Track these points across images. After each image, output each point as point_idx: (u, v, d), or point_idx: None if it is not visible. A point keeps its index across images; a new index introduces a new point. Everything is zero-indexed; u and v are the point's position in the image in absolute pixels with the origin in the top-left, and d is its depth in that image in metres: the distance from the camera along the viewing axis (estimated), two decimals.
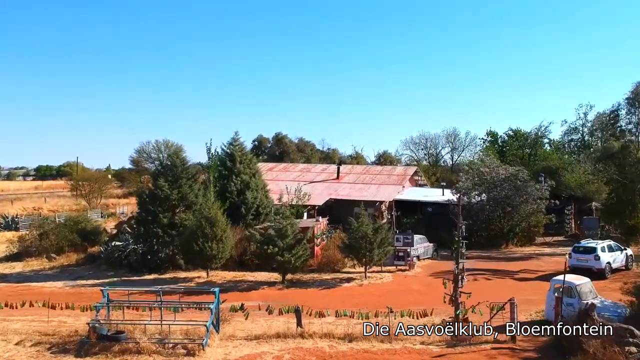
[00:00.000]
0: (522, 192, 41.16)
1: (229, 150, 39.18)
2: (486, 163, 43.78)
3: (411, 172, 51.55)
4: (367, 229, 28.45)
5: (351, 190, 46.61)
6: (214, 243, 28.61)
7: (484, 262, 35.49)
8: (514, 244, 41.88)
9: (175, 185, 31.34)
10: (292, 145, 69.48)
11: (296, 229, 28.03)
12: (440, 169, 75.38)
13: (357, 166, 54.73)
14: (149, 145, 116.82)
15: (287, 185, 46.41)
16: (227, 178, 37.99)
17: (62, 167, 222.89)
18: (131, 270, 31.43)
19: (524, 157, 75.31)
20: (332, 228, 39.64)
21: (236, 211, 37.05)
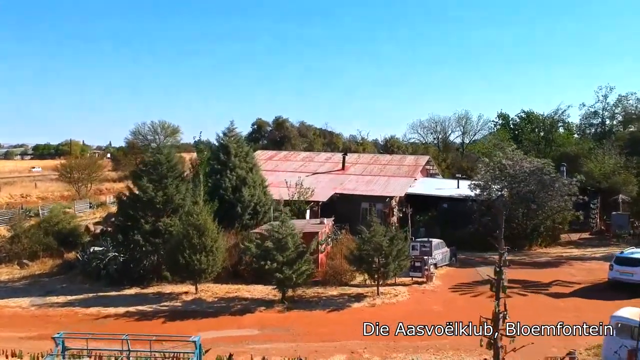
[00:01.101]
0: (548, 188, 37.11)
1: (223, 142, 35.09)
2: (508, 155, 39.61)
3: (423, 162, 47.46)
4: (382, 240, 24.51)
5: (358, 184, 42.59)
6: (202, 255, 24.74)
7: (509, 269, 31.56)
8: (537, 244, 37.99)
9: (159, 186, 27.36)
10: (293, 130, 65.35)
11: (298, 241, 24.09)
12: (451, 154, 71.31)
13: (363, 155, 50.67)
14: (144, 127, 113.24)
15: (287, 179, 42.41)
16: (220, 173, 33.98)
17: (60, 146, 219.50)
18: (110, 283, 27.63)
19: (539, 142, 71.08)
20: (337, 228, 35.74)
21: (231, 210, 33.16)
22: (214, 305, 24.10)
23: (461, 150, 76.73)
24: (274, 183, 42.87)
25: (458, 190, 43.24)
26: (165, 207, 27.33)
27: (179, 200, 27.58)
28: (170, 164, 28.55)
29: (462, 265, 32.66)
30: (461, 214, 38.89)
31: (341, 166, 46.17)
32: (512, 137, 78.15)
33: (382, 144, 66.30)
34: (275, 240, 23.70)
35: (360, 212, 40.68)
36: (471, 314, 15.91)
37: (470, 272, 31.01)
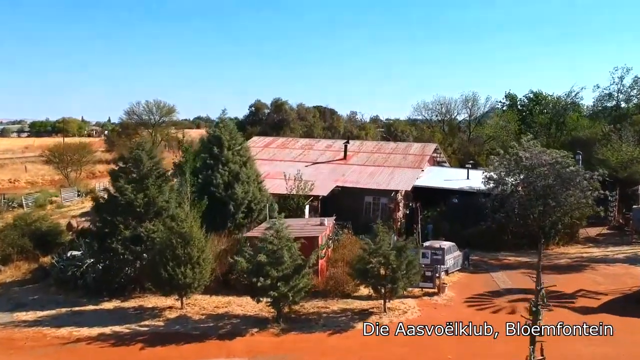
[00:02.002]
0: (568, 183, 34.18)
1: (214, 133, 32.08)
2: (524, 145, 36.58)
3: (430, 151, 44.44)
4: (390, 252, 21.69)
5: (361, 175, 39.65)
6: (188, 268, 21.96)
7: (527, 275, 28.88)
8: (555, 243, 35.19)
9: (140, 187, 24.44)
10: (292, 113, 62.17)
11: (295, 253, 21.24)
12: (457, 139, 68.19)
13: (366, 143, 47.59)
14: (139, 107, 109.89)
15: (285, 170, 39.51)
16: (212, 168, 31.05)
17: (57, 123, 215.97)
18: (88, 293, 24.91)
19: (549, 125, 67.86)
20: (339, 227, 32.94)
21: (223, 209, 30.38)
22: (200, 326, 21.36)
23: (468, 134, 73.51)
24: (271, 174, 40.05)
25: (468, 182, 40.38)
26: (147, 211, 24.44)
27: (162, 203, 24.70)
28: (153, 161, 25.60)
29: (475, 269, 29.94)
30: (472, 210, 36.09)
31: (343, 155, 43.18)
32: (520, 119, 75.01)
33: (385, 129, 63.10)
34: (269, 253, 20.87)
35: (363, 206, 37.93)
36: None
37: (484, 278, 28.29)
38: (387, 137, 61.21)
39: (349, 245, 29.57)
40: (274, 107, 64.79)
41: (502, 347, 18.20)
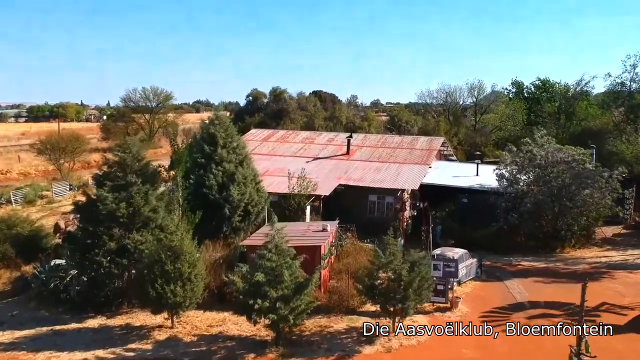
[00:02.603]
0: (586, 183, 32.16)
1: (208, 130, 29.93)
2: (538, 141, 34.47)
3: (437, 146, 42.27)
4: (401, 268, 19.70)
5: (365, 172, 37.57)
6: (178, 285, 20.00)
7: (544, 284, 26.98)
8: (570, 245, 33.20)
9: (123, 195, 22.35)
10: (292, 102, 59.87)
11: (296, 271, 19.23)
12: (462, 128, 65.97)
13: (370, 136, 45.39)
14: (135, 93, 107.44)
15: (286, 167, 37.48)
16: (205, 168, 28.98)
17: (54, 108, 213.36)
18: (72, 308, 23.01)
19: (558, 116, 65.53)
20: (342, 229, 30.95)
21: (218, 212, 28.41)
22: (192, 350, 19.42)
23: (474, 123, 71.28)
24: (270, 170, 38.04)
25: (478, 178, 38.33)
26: (132, 221, 22.38)
27: (148, 213, 22.60)
28: (140, 164, 23.50)
29: (488, 277, 27.98)
30: (483, 210, 34.06)
31: (345, 150, 41.04)
32: (527, 108, 72.73)
33: (389, 119, 60.78)
34: (267, 270, 18.87)
35: (367, 205, 35.92)
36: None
37: (499, 288, 26.35)
38: (390, 128, 59.06)
39: (354, 252, 27.67)
40: (273, 96, 62.52)
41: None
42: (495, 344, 19.77)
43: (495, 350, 19.31)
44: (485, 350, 19.35)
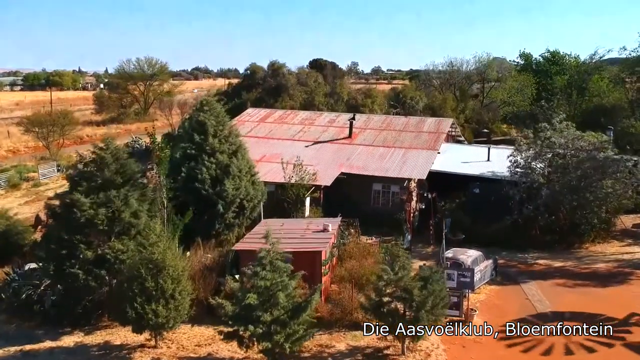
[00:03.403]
0: (608, 173, 29.70)
1: (197, 118, 27.32)
2: (556, 127, 31.85)
3: (446, 128, 39.62)
4: (413, 286, 17.40)
5: (368, 159, 35.06)
6: (160, 304, 17.76)
7: (565, 288, 24.77)
8: (589, 240, 30.88)
9: (101, 199, 19.92)
10: (291, 77, 56.96)
11: (292, 292, 16.91)
12: (470, 104, 63.12)
13: (374, 117, 42.64)
14: (129, 64, 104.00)
15: (284, 153, 35.02)
16: (196, 159, 26.50)
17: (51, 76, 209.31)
18: (46, 322, 20.81)
19: (570, 91, 62.60)
20: (344, 224, 28.66)
21: (210, 209, 26.04)
22: None
23: (481, 99, 68.33)
24: (267, 156, 35.57)
25: (489, 165, 35.80)
26: (112, 228, 20.01)
27: (128, 218, 20.21)
28: (119, 163, 20.99)
29: (503, 280, 25.73)
30: (496, 201, 31.60)
31: (348, 133, 38.42)
32: (536, 82, 69.78)
33: (393, 95, 57.91)
34: (261, 291, 16.58)
35: (371, 195, 33.60)
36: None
37: (515, 294, 24.13)
38: (395, 105, 56.29)
39: (357, 253, 25.36)
40: (271, 70, 59.54)
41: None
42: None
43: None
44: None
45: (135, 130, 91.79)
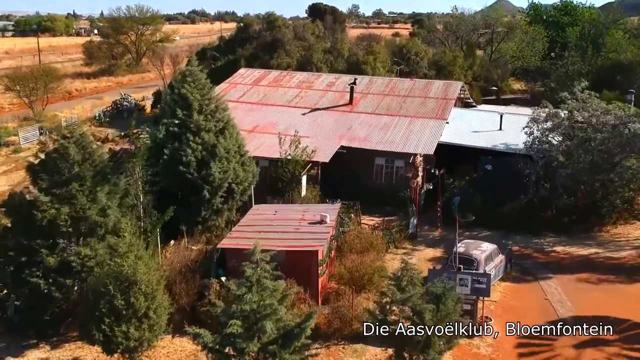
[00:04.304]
0: (634, 152, 26.94)
1: (179, 90, 24.27)
2: (579, 96, 28.84)
3: (455, 94, 36.40)
4: (423, 308, 14.97)
5: (370, 130, 32.17)
6: (131, 326, 15.41)
7: (589, 285, 22.45)
8: (610, 222, 28.40)
9: (64, 196, 17.29)
10: (288, 32, 53.17)
11: (283, 318, 14.47)
12: (478, 59, 59.44)
13: (377, 80, 39.20)
14: (119, 12, 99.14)
15: (280, 123, 32.24)
16: (179, 139, 23.66)
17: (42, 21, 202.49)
18: (10, 330, 18.60)
19: (585, 45, 58.79)
20: (344, 208, 26.14)
21: (195, 195, 23.39)
22: None
23: (489, 53, 64.51)
24: (260, 126, 32.74)
25: (501, 135, 32.98)
26: (77, 228, 17.47)
27: (96, 217, 17.64)
28: (86, 152, 18.24)
29: (518, 274, 23.37)
30: (509, 178, 28.93)
31: (348, 99, 35.34)
32: (547, 36, 65.79)
33: (396, 50, 54.19)
34: (246, 315, 14.16)
35: (373, 170, 30.94)
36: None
37: (534, 294, 21.82)
38: (399, 62, 52.77)
39: (358, 243, 22.92)
40: (266, 23, 55.61)
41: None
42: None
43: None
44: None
45: (127, 83, 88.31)
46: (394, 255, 24.87)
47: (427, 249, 25.68)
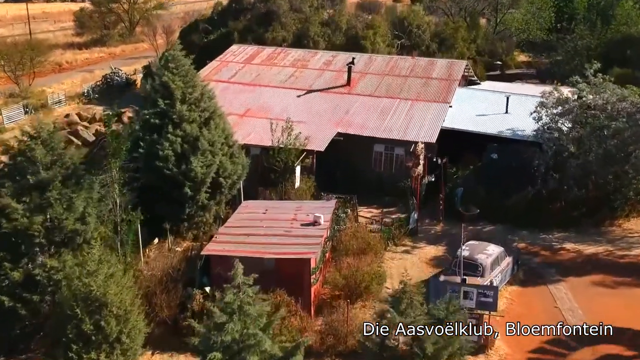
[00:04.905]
0: None
1: (162, 79, 22.34)
2: (591, 81, 26.91)
3: (459, 74, 34.24)
4: (426, 338, 13.46)
5: (369, 114, 30.29)
6: (102, 353, 13.96)
7: (602, 288, 20.99)
8: (623, 216, 26.79)
9: (37, 203, 15.65)
10: (283, 3, 50.68)
11: (270, 347, 12.96)
12: (481, 32, 56.95)
13: (376, 58, 36.93)
14: None
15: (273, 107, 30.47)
16: (159, 131, 21.90)
17: None
18: None
19: (595, 17, 56.23)
20: (340, 202, 24.53)
21: (177, 191, 21.74)
22: None
23: (494, 25, 61.85)
24: (253, 109, 30.97)
25: (508, 119, 31.12)
26: (51, 239, 15.88)
27: (72, 225, 16.03)
28: (55, 154, 16.52)
29: (526, 276, 21.83)
30: (516, 167, 27.26)
31: (346, 80, 33.33)
32: (554, 6, 62.99)
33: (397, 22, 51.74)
34: (224, 347, 12.67)
35: (372, 157, 29.19)
36: None
37: (543, 300, 20.35)
38: (400, 36, 50.39)
39: (355, 244, 21.37)
40: None
41: None
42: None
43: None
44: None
45: (120, 54, 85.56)
46: (394, 253, 23.42)
47: (428, 247, 24.17)
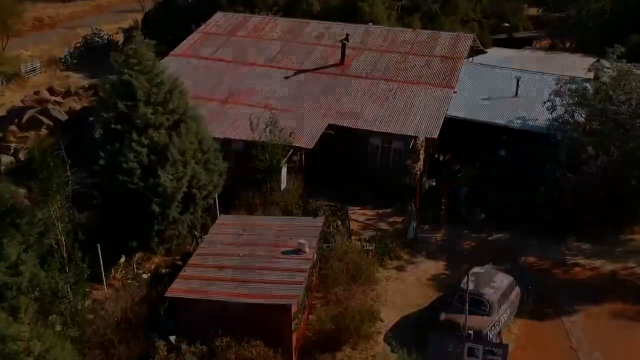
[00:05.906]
0: None
1: (122, 77, 19.22)
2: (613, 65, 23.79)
3: (464, 51, 30.66)
4: None
5: (365, 102, 27.20)
6: None
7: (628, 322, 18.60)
8: None
9: None
10: None
11: None
12: None
13: (374, 31, 33.02)
14: None
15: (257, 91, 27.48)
16: (121, 139, 19.01)
17: None
18: None
19: None
20: (331, 211, 21.93)
21: (144, 207, 19.06)
22: None
23: None
24: (236, 95, 28.71)
25: (518, 103, 28.09)
26: None
27: (4, 277, 13.48)
28: None
29: (536, 303, 19.36)
30: (526, 164, 24.51)
31: (340, 58, 30.01)
32: None
33: None
34: None
35: (366, 152, 26.35)
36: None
37: (556, 336, 18.03)
38: None
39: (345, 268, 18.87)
40: None
41: None
42: None
43: None
44: None
45: (107, 7, 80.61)
46: (389, 270, 20.99)
47: (427, 262, 21.67)
